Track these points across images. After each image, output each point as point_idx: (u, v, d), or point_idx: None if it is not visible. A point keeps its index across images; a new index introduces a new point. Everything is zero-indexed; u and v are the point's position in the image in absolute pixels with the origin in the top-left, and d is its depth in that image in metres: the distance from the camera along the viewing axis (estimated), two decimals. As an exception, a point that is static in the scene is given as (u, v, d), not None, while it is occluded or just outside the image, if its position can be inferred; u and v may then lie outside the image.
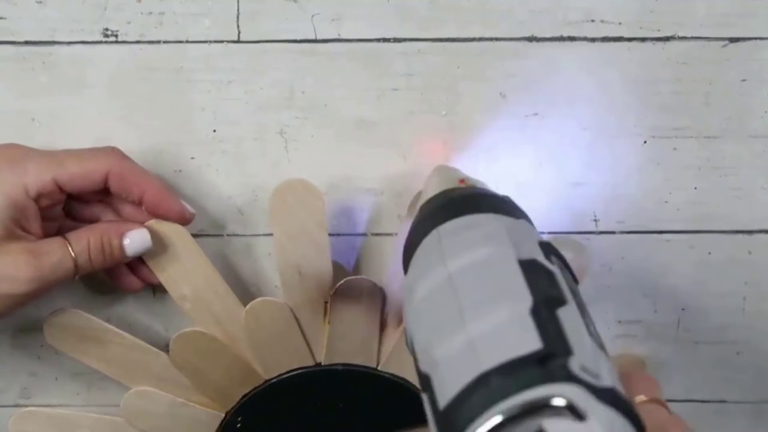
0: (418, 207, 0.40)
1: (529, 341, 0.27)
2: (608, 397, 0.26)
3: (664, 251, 0.48)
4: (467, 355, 0.28)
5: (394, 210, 0.48)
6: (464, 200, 0.37)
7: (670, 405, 0.51)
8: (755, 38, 0.45)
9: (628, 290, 0.49)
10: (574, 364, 0.27)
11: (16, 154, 0.41)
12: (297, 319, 0.46)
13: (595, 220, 0.48)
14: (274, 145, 0.47)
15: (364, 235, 0.48)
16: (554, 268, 0.32)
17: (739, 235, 0.48)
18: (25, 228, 0.41)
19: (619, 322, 0.50)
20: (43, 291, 0.41)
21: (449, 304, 0.30)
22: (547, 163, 0.47)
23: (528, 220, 0.36)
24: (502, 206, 0.36)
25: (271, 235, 0.48)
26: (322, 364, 0.47)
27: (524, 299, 0.29)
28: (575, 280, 0.34)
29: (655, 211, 0.48)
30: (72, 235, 0.42)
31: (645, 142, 0.47)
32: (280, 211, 0.43)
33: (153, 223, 0.44)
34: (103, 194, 0.43)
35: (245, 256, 0.48)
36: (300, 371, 0.47)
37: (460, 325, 0.29)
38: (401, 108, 0.46)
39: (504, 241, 0.32)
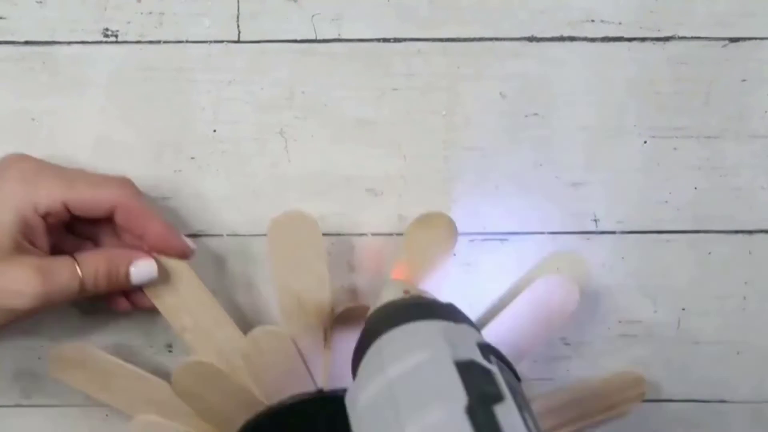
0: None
1: None
2: None
3: (664, 251, 0.48)
4: None
5: (394, 210, 0.48)
6: (404, 309, 0.38)
7: (670, 405, 0.51)
8: (755, 38, 0.46)
9: (628, 290, 0.49)
10: None
11: (29, 169, 0.41)
12: (297, 347, 0.46)
13: (595, 220, 0.48)
14: (274, 145, 0.47)
15: (364, 235, 0.48)
16: (492, 367, 0.32)
17: (739, 235, 0.48)
18: (33, 243, 0.41)
19: (619, 322, 0.50)
20: (46, 308, 0.40)
21: (388, 410, 0.31)
22: (547, 163, 0.47)
23: (470, 323, 0.37)
24: (442, 312, 0.37)
25: (271, 235, 0.48)
26: (324, 390, 0.47)
27: (459, 398, 0.30)
28: (517, 378, 0.35)
29: (655, 211, 0.48)
30: (81, 257, 0.42)
31: (645, 142, 0.47)
32: (279, 243, 0.43)
33: (155, 255, 0.44)
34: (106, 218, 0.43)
35: (245, 256, 0.48)
36: (302, 397, 0.47)
37: (397, 429, 0.29)
38: (401, 108, 0.46)
39: (440, 344, 0.33)
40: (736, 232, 0.48)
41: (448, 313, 0.37)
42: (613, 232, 0.48)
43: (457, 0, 0.45)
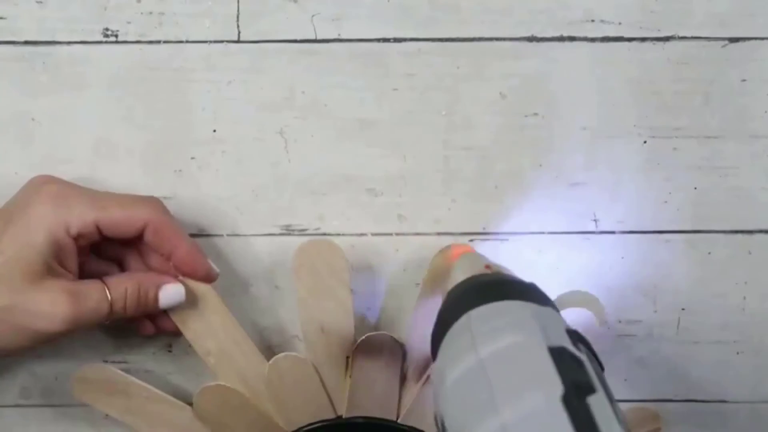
0: (445, 291, 0.40)
1: (562, 429, 0.28)
2: None
3: (664, 251, 0.48)
4: None
5: (394, 210, 0.48)
6: (493, 286, 0.37)
7: (670, 405, 0.51)
8: (755, 38, 0.46)
9: (628, 290, 0.49)
10: None
11: (58, 191, 0.41)
12: (319, 374, 0.46)
13: (595, 220, 0.48)
14: (274, 145, 0.47)
15: (364, 235, 0.48)
16: (582, 356, 0.32)
17: (739, 235, 0.48)
18: (63, 265, 0.41)
19: (619, 321, 0.50)
20: (75, 331, 0.41)
21: (482, 389, 0.30)
22: (547, 163, 0.47)
23: (554, 307, 0.37)
24: (529, 293, 0.36)
25: (270, 235, 0.48)
26: (343, 417, 0.47)
27: (556, 386, 0.29)
28: (601, 367, 0.34)
29: (655, 211, 0.48)
30: (111, 281, 0.42)
31: (645, 142, 0.47)
32: (304, 270, 0.44)
33: (181, 279, 0.44)
34: (132, 238, 0.43)
35: (245, 256, 0.48)
36: (321, 424, 0.47)
37: (493, 410, 0.29)
38: (401, 108, 0.46)
39: (533, 329, 0.32)
40: (736, 232, 0.48)
41: (535, 294, 0.36)
42: (613, 232, 0.48)
43: (457, 0, 0.45)
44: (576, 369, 0.31)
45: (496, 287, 0.37)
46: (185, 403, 0.47)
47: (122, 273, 0.44)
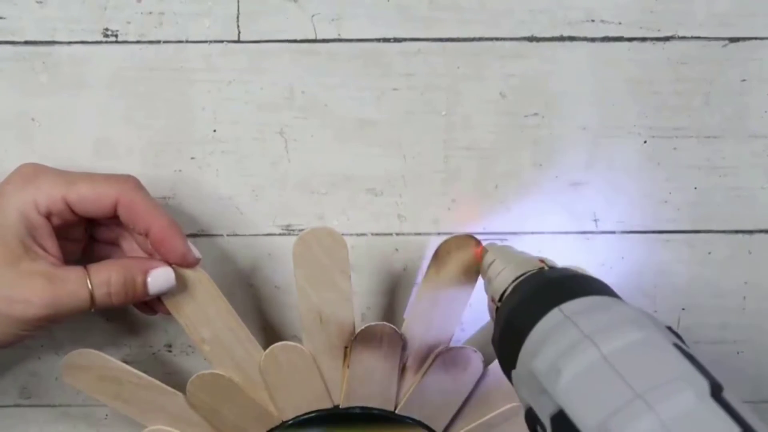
0: (501, 289, 0.39)
1: (727, 425, 0.27)
2: None
3: (664, 251, 0.48)
4: None
5: (394, 210, 0.48)
6: (573, 281, 0.36)
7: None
8: (755, 38, 0.46)
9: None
10: None
11: (31, 171, 0.41)
12: (317, 363, 0.46)
13: (595, 220, 0.48)
14: (274, 145, 0.47)
15: (364, 235, 0.48)
16: (692, 353, 0.32)
17: (739, 235, 0.48)
18: (42, 246, 0.40)
19: (619, 322, 0.50)
20: (56, 319, 0.40)
21: (617, 385, 0.30)
22: (547, 163, 0.47)
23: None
24: (609, 290, 0.36)
25: (270, 235, 0.48)
26: (340, 406, 0.47)
27: (701, 382, 0.29)
28: None
29: (655, 211, 0.48)
30: (93, 267, 0.41)
31: (645, 142, 0.47)
32: (304, 258, 0.43)
33: (174, 266, 0.43)
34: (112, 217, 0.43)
35: (245, 256, 0.48)
36: (317, 413, 0.47)
37: (644, 407, 0.28)
38: (401, 108, 0.46)
39: (650, 324, 0.32)
40: (736, 232, 0.48)
41: (612, 291, 0.36)
42: (613, 232, 0.48)
43: (457, 0, 0.45)
44: (702, 366, 0.30)
45: (576, 282, 0.36)
46: (178, 391, 0.47)
47: (108, 259, 0.43)
